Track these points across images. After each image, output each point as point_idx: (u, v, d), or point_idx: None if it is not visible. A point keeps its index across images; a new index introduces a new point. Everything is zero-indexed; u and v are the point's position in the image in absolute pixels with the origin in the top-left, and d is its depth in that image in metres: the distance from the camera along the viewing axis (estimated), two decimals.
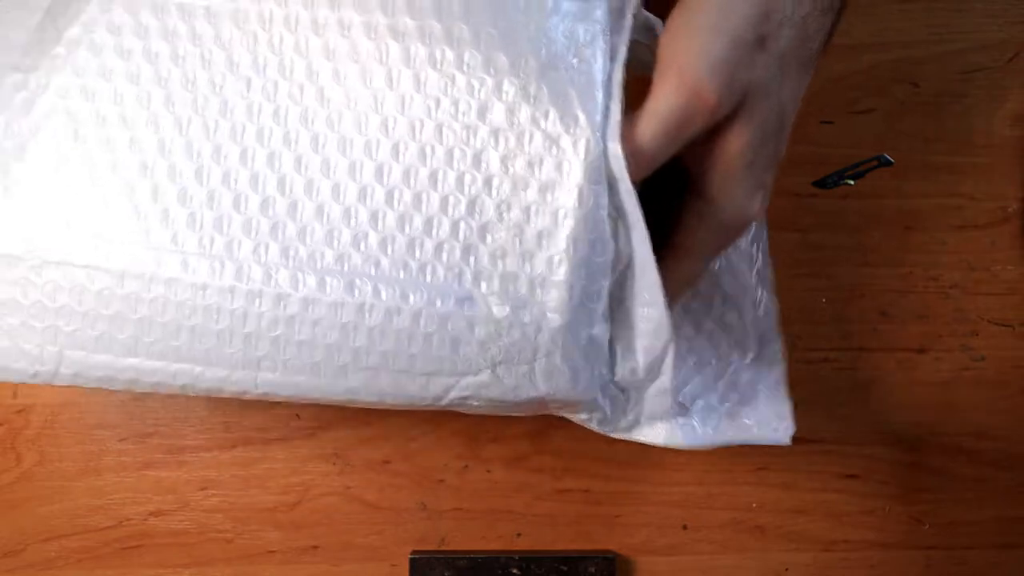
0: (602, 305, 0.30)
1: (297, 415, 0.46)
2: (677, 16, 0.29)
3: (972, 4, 0.46)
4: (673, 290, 0.32)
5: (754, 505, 0.47)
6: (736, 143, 0.30)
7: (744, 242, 0.40)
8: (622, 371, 0.31)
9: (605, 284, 0.30)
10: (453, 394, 0.30)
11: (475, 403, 0.31)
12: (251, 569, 0.46)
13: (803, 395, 0.47)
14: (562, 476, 0.46)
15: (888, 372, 0.47)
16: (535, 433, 0.46)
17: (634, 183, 0.29)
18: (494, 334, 0.29)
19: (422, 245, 0.29)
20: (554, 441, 0.46)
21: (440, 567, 0.45)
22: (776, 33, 0.29)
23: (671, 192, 0.32)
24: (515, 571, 0.46)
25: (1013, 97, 0.47)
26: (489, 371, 0.30)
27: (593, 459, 0.46)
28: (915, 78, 0.46)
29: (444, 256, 0.29)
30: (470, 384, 0.30)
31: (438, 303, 0.29)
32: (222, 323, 0.29)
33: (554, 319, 0.29)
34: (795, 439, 0.47)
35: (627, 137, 0.28)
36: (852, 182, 0.42)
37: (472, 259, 0.29)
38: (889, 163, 0.40)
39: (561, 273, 0.29)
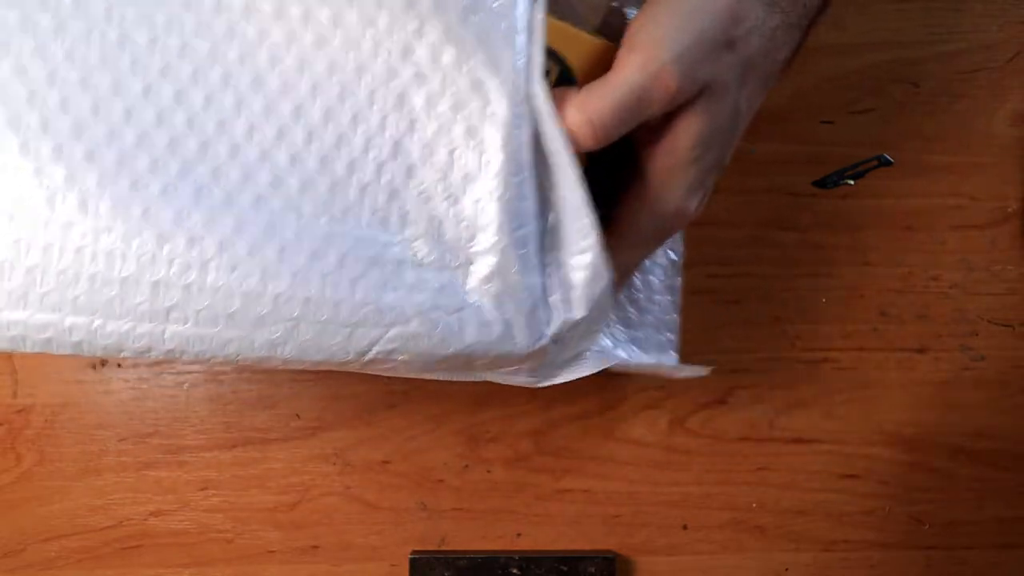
0: (532, 251, 0.29)
1: (297, 415, 0.46)
2: (652, 2, 0.30)
3: (971, 4, 0.46)
4: (620, 279, 0.33)
5: (754, 505, 0.47)
6: (687, 136, 0.30)
7: (661, 250, 0.40)
8: (559, 325, 0.31)
9: (532, 229, 0.29)
10: (378, 348, 0.29)
11: (401, 357, 0.30)
12: (251, 569, 0.46)
13: (803, 395, 0.47)
14: (562, 476, 0.46)
15: (888, 372, 0.47)
16: (535, 433, 0.46)
17: (580, 155, 0.29)
18: (422, 279, 0.29)
19: (345, 189, 0.28)
20: (554, 441, 0.46)
21: (440, 567, 0.45)
22: (745, 39, 0.29)
23: (616, 180, 0.33)
24: (515, 571, 0.46)
25: (1013, 97, 0.47)
26: (417, 320, 0.29)
27: (593, 459, 0.46)
28: (915, 78, 0.46)
29: (368, 200, 0.28)
30: (397, 335, 0.29)
31: (364, 248, 0.28)
32: (127, 270, 0.27)
33: (482, 263, 0.29)
34: (795, 439, 0.47)
35: (582, 106, 0.28)
36: (852, 182, 0.42)
37: (397, 203, 0.28)
38: (889, 163, 0.40)
39: (487, 216, 0.29)
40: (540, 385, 0.34)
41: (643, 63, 0.28)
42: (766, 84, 0.32)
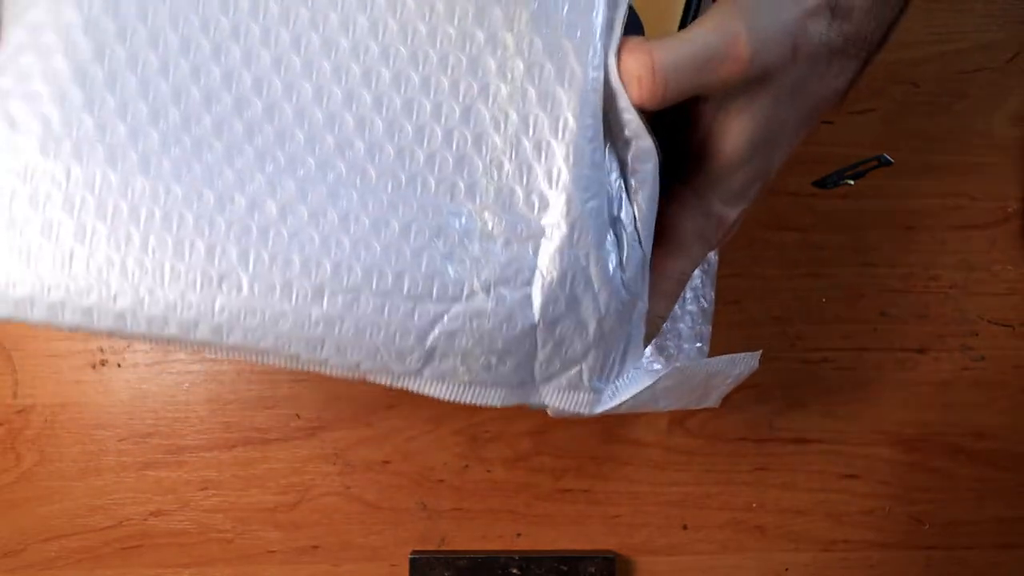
0: (604, 223, 0.29)
1: (297, 415, 0.46)
2: None
3: (972, 4, 0.46)
4: (664, 287, 0.32)
5: (754, 505, 0.47)
6: (737, 135, 0.30)
7: (692, 296, 0.40)
8: (626, 304, 0.29)
9: (604, 200, 0.29)
10: (441, 327, 0.28)
11: (464, 342, 0.28)
12: (251, 569, 0.46)
13: (803, 395, 0.47)
14: (562, 476, 0.46)
15: (888, 372, 0.47)
16: (535, 433, 0.46)
17: (642, 108, 0.28)
18: (489, 251, 0.27)
19: (412, 155, 0.27)
20: (554, 441, 0.46)
21: (440, 567, 0.45)
22: (806, 49, 0.29)
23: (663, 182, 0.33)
24: (515, 571, 0.46)
25: (1013, 97, 0.47)
26: (482, 294, 0.28)
27: (593, 459, 0.46)
28: (915, 78, 0.46)
29: (436, 167, 0.27)
30: (461, 312, 0.28)
31: (430, 216, 0.27)
32: (183, 231, 0.26)
33: (553, 235, 0.28)
34: (795, 439, 0.47)
35: (648, 52, 0.28)
36: (852, 182, 0.42)
37: (466, 171, 0.27)
38: (889, 163, 0.40)
39: (560, 185, 0.28)
40: (598, 410, 0.32)
41: (720, 25, 0.28)
42: (814, 111, 0.31)
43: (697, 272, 0.43)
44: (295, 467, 0.46)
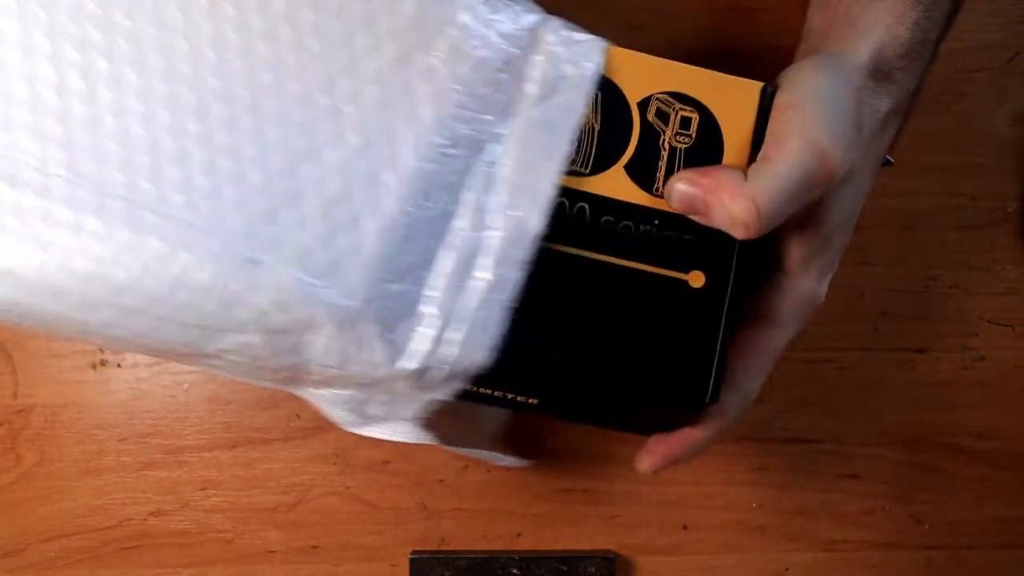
0: (404, 288, 0.28)
1: (297, 415, 0.46)
2: (790, 92, 0.30)
3: (972, 4, 0.46)
4: (762, 364, 0.33)
5: (754, 505, 0.47)
6: (829, 220, 0.31)
7: None
8: (409, 364, 0.28)
9: (410, 272, 0.28)
10: (212, 346, 0.28)
11: (234, 358, 0.28)
12: (251, 569, 0.46)
13: (803, 395, 0.47)
14: (562, 476, 0.46)
15: (888, 372, 0.47)
16: (535, 433, 0.46)
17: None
18: (276, 305, 0.27)
19: (220, 192, 0.26)
20: (554, 441, 0.46)
21: (440, 567, 0.45)
22: (867, 122, 0.31)
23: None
24: (515, 571, 0.46)
25: (1013, 97, 0.47)
26: (259, 336, 0.27)
27: (593, 459, 0.46)
28: None
29: (243, 209, 0.27)
30: (234, 340, 0.28)
31: (223, 257, 0.26)
32: None
33: (344, 303, 0.27)
34: (795, 439, 0.47)
35: (748, 194, 0.28)
36: None
37: (272, 220, 0.27)
38: (889, 163, 0.40)
39: (363, 257, 0.27)
40: (352, 429, 0.32)
41: (805, 144, 0.28)
42: (876, 169, 0.32)
43: None
44: (295, 467, 0.46)
